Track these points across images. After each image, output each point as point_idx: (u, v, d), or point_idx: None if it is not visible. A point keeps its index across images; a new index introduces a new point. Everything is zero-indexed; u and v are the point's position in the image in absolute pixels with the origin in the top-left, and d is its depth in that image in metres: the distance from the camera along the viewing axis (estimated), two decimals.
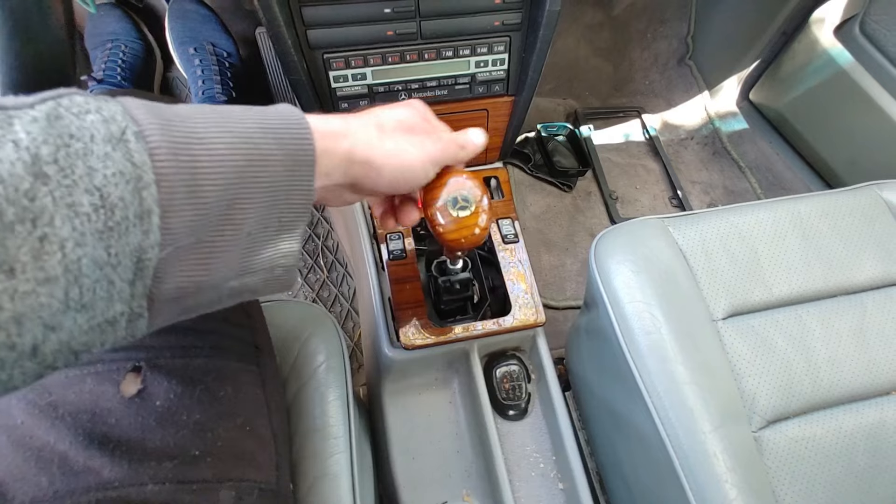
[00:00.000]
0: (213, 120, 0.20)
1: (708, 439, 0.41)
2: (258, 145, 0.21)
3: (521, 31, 0.51)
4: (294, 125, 0.23)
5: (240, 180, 0.20)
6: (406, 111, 0.30)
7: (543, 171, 1.04)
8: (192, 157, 0.19)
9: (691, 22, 1.14)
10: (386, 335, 0.50)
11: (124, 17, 0.90)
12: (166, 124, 0.18)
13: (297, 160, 0.22)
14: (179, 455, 0.29)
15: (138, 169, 0.17)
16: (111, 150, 0.16)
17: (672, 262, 0.50)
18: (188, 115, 0.20)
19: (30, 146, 0.15)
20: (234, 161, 0.20)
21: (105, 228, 0.16)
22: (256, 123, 0.22)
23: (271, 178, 0.21)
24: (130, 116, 0.18)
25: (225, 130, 0.20)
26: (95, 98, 0.18)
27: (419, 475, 0.48)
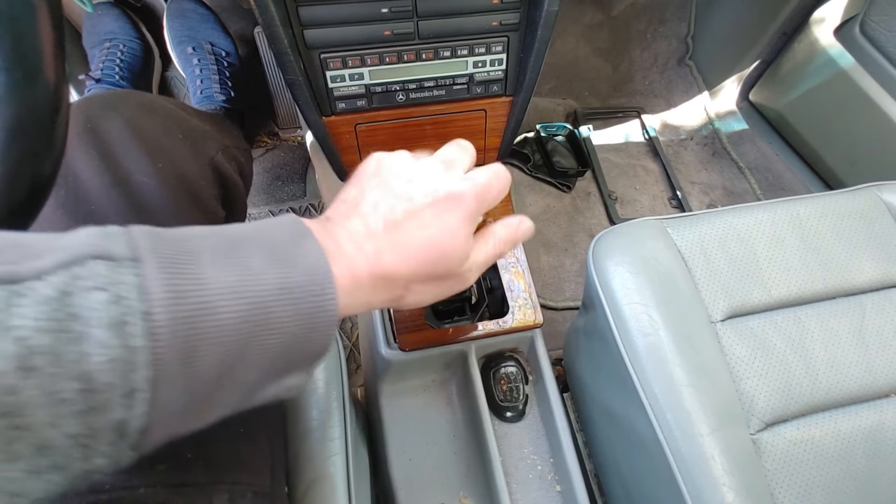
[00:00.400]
0: (230, 284, 0.19)
1: (705, 442, 0.41)
2: (271, 310, 0.19)
3: (519, 32, 0.51)
4: (318, 280, 0.21)
5: (245, 345, 0.19)
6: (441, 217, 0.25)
7: (543, 172, 1.04)
8: (196, 332, 0.17)
9: (691, 22, 1.14)
10: (383, 336, 0.50)
11: (122, 16, 0.90)
12: (178, 299, 0.17)
13: (315, 319, 0.21)
14: (172, 458, 0.29)
15: (133, 353, 0.16)
16: (109, 338, 0.16)
17: (670, 263, 0.50)
18: (205, 281, 0.18)
19: (28, 336, 0.14)
20: (242, 329, 0.19)
21: (86, 409, 0.15)
22: (276, 284, 0.20)
23: (281, 339, 0.20)
24: (146, 294, 0.16)
25: (239, 298, 0.19)
26: (116, 267, 0.16)
27: (416, 477, 0.48)
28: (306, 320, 0.20)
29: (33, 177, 0.21)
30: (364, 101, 0.52)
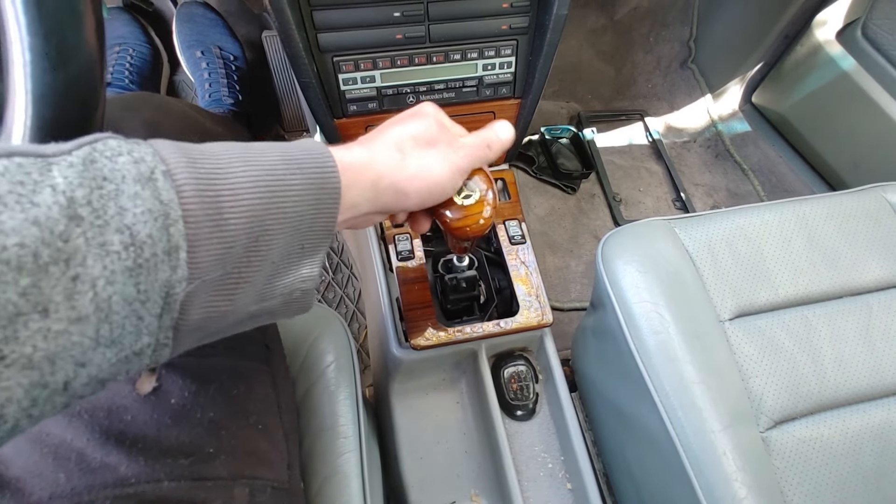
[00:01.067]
0: (237, 155, 0.21)
1: (717, 438, 0.41)
2: (282, 177, 0.21)
3: (528, 35, 0.52)
4: (317, 156, 0.23)
5: (265, 212, 0.20)
6: (421, 123, 0.29)
7: (547, 174, 1.04)
8: (217, 193, 0.19)
9: (693, 26, 1.15)
10: (394, 336, 0.50)
11: (132, 21, 0.91)
12: (191, 162, 0.19)
13: (322, 189, 0.23)
14: (194, 452, 0.29)
15: (166, 206, 0.17)
16: (140, 190, 0.17)
17: (679, 262, 0.50)
18: (213, 152, 0.20)
19: (66, 190, 0.16)
20: (259, 194, 0.20)
21: (135, 266, 0.17)
22: (280, 157, 0.22)
23: (295, 209, 0.22)
24: (160, 157, 0.18)
25: (248, 164, 0.20)
26: (128, 141, 0.18)
27: (427, 475, 0.48)
28: (315, 190, 0.22)
29: None
30: (375, 104, 0.53)
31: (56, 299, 0.15)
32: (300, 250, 0.23)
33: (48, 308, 0.15)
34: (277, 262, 0.22)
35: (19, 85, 0.19)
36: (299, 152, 0.23)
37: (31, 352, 0.14)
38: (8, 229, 0.14)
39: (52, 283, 0.15)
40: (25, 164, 0.15)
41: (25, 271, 0.14)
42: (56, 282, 0.15)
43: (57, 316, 0.15)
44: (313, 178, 0.22)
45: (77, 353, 0.16)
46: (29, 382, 0.15)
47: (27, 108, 0.19)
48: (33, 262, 0.14)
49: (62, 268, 0.15)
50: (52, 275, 0.15)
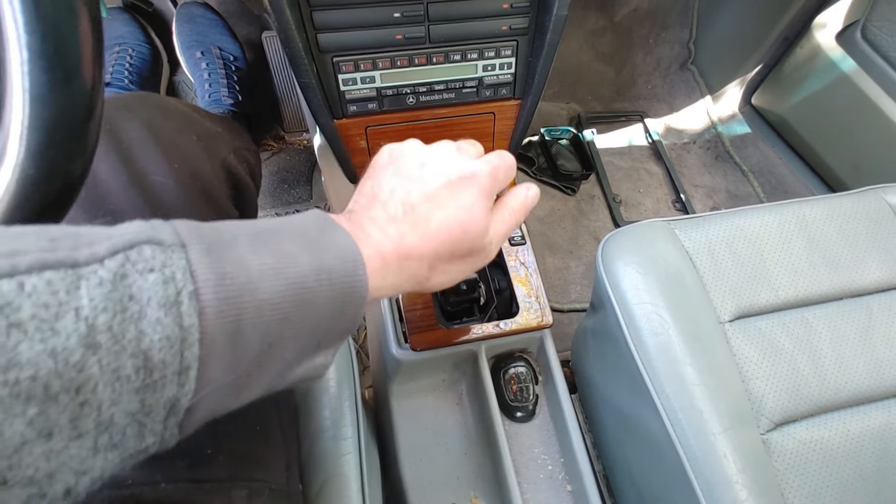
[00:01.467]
0: (270, 264, 0.20)
1: (718, 440, 0.41)
2: (309, 289, 0.21)
3: (528, 36, 0.52)
4: (349, 263, 0.22)
5: (284, 323, 0.20)
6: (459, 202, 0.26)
7: (547, 175, 1.04)
8: (240, 310, 0.18)
9: (693, 27, 1.15)
10: (394, 336, 0.50)
11: (132, 21, 0.91)
12: (222, 279, 0.18)
13: (347, 298, 0.22)
14: (192, 454, 0.29)
15: (185, 332, 0.17)
16: (163, 316, 0.16)
17: (679, 264, 0.50)
18: (246, 263, 0.19)
19: (89, 315, 0.15)
20: (282, 308, 0.20)
21: (142, 386, 0.16)
22: (311, 265, 0.21)
23: (317, 318, 0.21)
24: (191, 273, 0.17)
25: (278, 276, 0.20)
26: (163, 249, 0.17)
27: (427, 477, 0.48)
28: (340, 300, 0.21)
29: (66, 176, 0.22)
30: (375, 104, 0.53)
31: (61, 423, 0.15)
32: (316, 347, 0.22)
33: (52, 432, 0.14)
34: (291, 359, 0.21)
35: (16, 83, 0.18)
36: (333, 259, 0.22)
37: (33, 473, 0.14)
38: (24, 361, 0.13)
39: (59, 410, 0.14)
40: (55, 282, 0.15)
41: (34, 401, 0.14)
42: (63, 408, 0.14)
43: (59, 437, 0.15)
44: (341, 289, 0.22)
45: (76, 465, 0.15)
46: (28, 495, 0.14)
47: (24, 107, 0.19)
48: (44, 393, 0.14)
49: (72, 395, 0.15)
50: (61, 402, 0.14)
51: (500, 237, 0.29)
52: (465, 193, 0.26)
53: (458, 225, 0.26)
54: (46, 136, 0.20)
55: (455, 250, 0.26)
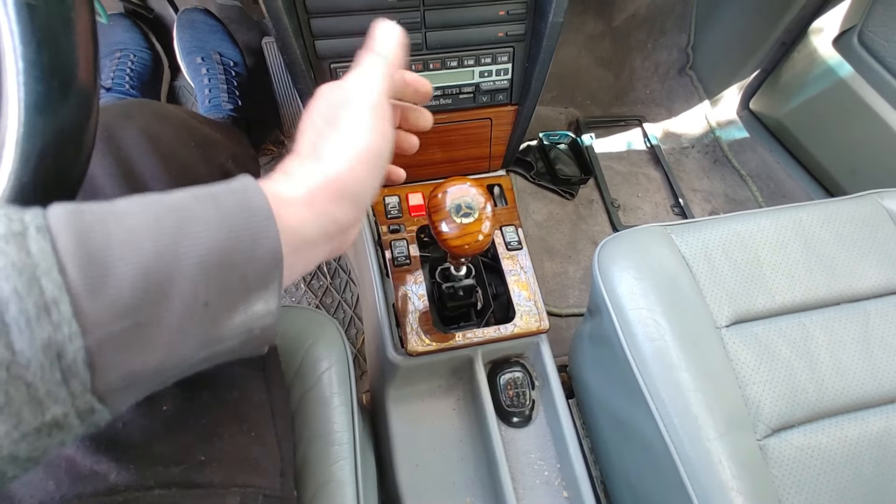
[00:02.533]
0: (138, 200, 0.19)
1: (713, 446, 0.41)
2: (189, 211, 0.19)
3: (524, 42, 0.52)
4: (238, 185, 0.21)
5: (172, 249, 0.18)
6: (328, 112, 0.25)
7: (545, 179, 1.05)
8: (105, 236, 0.17)
9: (691, 33, 1.16)
10: (390, 341, 0.50)
11: (133, 27, 0.92)
12: (75, 213, 0.17)
13: (249, 214, 0.20)
14: (186, 460, 0.29)
15: (33, 258, 0.16)
16: (4, 245, 0.15)
17: (675, 269, 0.50)
18: (110, 204, 0.19)
19: None
20: (160, 230, 0.18)
21: (1, 325, 0.15)
22: (189, 194, 0.20)
23: (216, 242, 0.19)
24: (42, 214, 0.17)
25: (149, 203, 0.19)
26: (7, 207, 0.17)
27: (423, 482, 0.48)
28: (240, 223, 0.20)
29: (62, 183, 0.22)
30: None
31: None
32: (243, 285, 0.20)
33: None
34: (215, 303, 0.19)
35: (12, 93, 0.19)
36: (216, 186, 0.21)
37: None
38: None
39: None
40: None
41: None
42: None
43: None
44: (231, 206, 0.20)
45: None
46: None
47: (19, 116, 0.19)
48: None
49: None
50: None
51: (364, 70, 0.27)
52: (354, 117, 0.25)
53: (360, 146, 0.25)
54: (41, 144, 0.20)
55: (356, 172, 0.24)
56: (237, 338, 0.21)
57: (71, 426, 0.17)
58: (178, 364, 0.19)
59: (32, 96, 0.19)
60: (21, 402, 0.15)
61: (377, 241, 0.56)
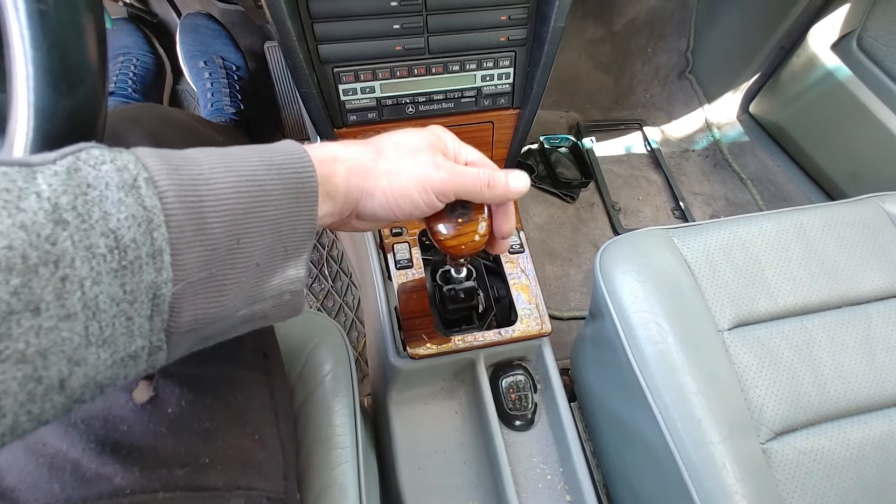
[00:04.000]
0: (218, 161, 0.21)
1: (717, 450, 0.41)
2: (262, 182, 0.22)
3: (526, 47, 0.52)
4: (296, 159, 0.24)
5: (245, 216, 0.21)
6: (414, 135, 0.29)
7: (546, 183, 1.05)
8: (199, 198, 0.20)
9: (691, 37, 1.17)
10: (392, 345, 0.50)
11: (136, 31, 0.92)
12: (174, 169, 0.20)
13: (300, 191, 0.23)
14: (190, 462, 0.29)
15: (149, 212, 0.18)
16: (124, 196, 0.18)
17: (677, 272, 0.50)
18: (195, 159, 0.21)
19: (51, 196, 0.16)
20: (239, 199, 0.21)
21: (119, 267, 0.17)
22: (260, 161, 0.23)
23: (276, 211, 0.22)
24: (142, 164, 0.19)
25: (229, 170, 0.21)
26: (111, 150, 0.19)
27: (425, 486, 0.48)
28: (294, 195, 0.23)
29: None
30: (375, 114, 0.53)
31: (46, 298, 0.16)
32: (284, 252, 0.23)
33: (39, 307, 0.15)
34: (262, 264, 0.22)
35: (22, 97, 0.19)
36: (280, 156, 0.23)
37: (24, 347, 0.15)
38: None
39: (42, 283, 0.15)
40: (10, 173, 0.16)
41: (16, 272, 0.15)
42: (46, 282, 0.16)
43: (48, 314, 0.16)
44: (292, 182, 0.23)
45: (69, 350, 0.16)
46: (23, 376, 0.15)
47: (29, 120, 0.19)
48: (23, 264, 0.15)
49: (51, 269, 0.16)
50: (42, 275, 0.15)
51: (469, 169, 0.30)
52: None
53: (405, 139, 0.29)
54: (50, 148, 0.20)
55: (396, 142, 0.28)
56: (272, 299, 0.24)
57: (141, 360, 0.19)
58: (226, 316, 0.22)
59: (42, 101, 0.19)
60: (120, 333, 0.18)
61: (379, 245, 0.56)
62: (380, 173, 0.27)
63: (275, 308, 0.24)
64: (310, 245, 0.25)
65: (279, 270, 0.23)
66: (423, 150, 0.29)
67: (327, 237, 0.95)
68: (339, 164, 0.26)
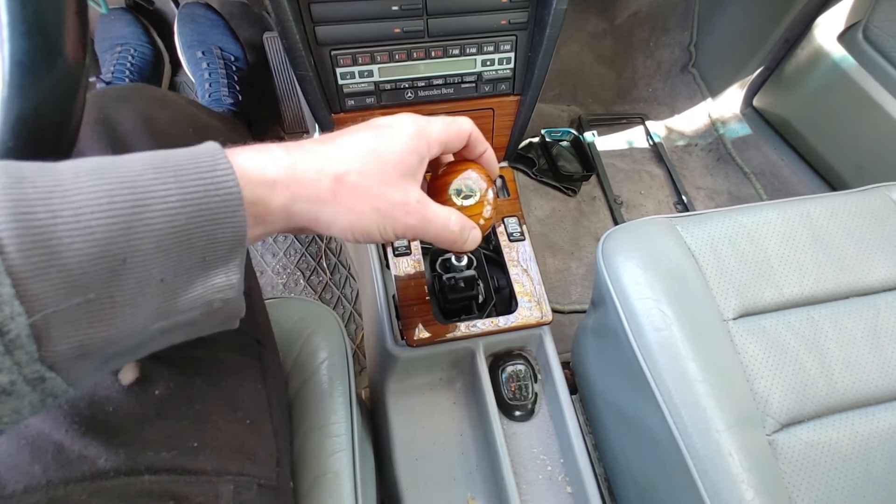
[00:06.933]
0: (89, 168, 0.18)
1: (722, 438, 0.40)
2: (146, 190, 0.18)
3: (527, 30, 0.51)
4: (203, 161, 0.20)
5: (127, 231, 0.17)
6: (391, 150, 0.25)
7: (548, 176, 1.04)
8: (51, 214, 0.16)
9: (694, 30, 1.15)
10: (390, 332, 0.49)
11: (134, 21, 0.91)
12: (16, 182, 0.16)
13: (212, 197, 0.19)
14: (178, 446, 0.28)
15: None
16: None
17: (681, 260, 0.49)
18: (56, 169, 0.17)
19: None
20: (113, 211, 0.17)
21: None
22: (148, 165, 0.19)
23: (173, 224, 0.18)
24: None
25: (100, 178, 0.18)
26: None
27: (423, 477, 0.47)
28: (201, 200, 0.19)
29: (49, 150, 0.21)
30: (373, 99, 0.52)
31: None
32: (202, 262, 0.20)
33: None
34: (170, 279, 0.19)
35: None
36: (181, 160, 0.19)
37: None
38: None
39: None
40: None
41: None
42: None
43: None
44: (195, 187, 0.19)
45: None
46: None
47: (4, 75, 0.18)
48: None
49: None
50: None
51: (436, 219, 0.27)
52: (385, 131, 0.26)
53: (369, 147, 0.25)
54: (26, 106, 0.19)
55: (362, 169, 0.24)
56: (196, 310, 0.20)
57: (22, 393, 0.16)
58: (133, 335, 0.19)
59: (18, 53, 0.18)
60: None
61: None
62: (340, 209, 0.24)
63: (204, 317, 0.21)
64: (240, 253, 0.21)
65: (198, 281, 0.20)
66: (396, 180, 0.25)
67: None
68: (278, 190, 0.22)
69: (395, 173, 0.25)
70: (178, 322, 0.20)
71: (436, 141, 0.28)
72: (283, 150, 0.24)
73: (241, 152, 0.22)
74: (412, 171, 0.26)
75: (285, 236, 0.94)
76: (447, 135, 0.28)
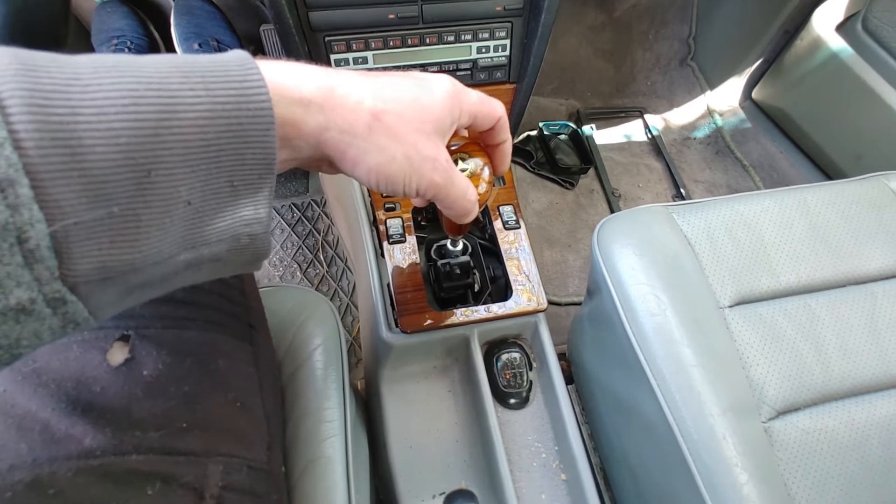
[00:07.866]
0: (109, 64, 0.16)
1: (716, 422, 0.40)
2: (174, 94, 0.16)
3: (522, 17, 0.51)
4: (234, 69, 0.18)
5: (153, 138, 0.16)
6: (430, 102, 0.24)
7: (546, 169, 1.04)
8: (71, 110, 0.15)
9: (693, 23, 1.15)
10: (384, 320, 0.49)
11: (130, 13, 0.91)
12: (30, 69, 0.14)
13: (242, 111, 0.18)
14: (166, 426, 0.28)
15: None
16: None
17: (677, 247, 0.49)
18: (72, 60, 0.15)
19: None
20: (139, 114, 0.16)
21: None
22: (174, 67, 0.17)
23: (202, 136, 0.17)
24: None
25: (124, 75, 0.16)
26: None
27: (417, 465, 0.46)
28: (231, 113, 0.17)
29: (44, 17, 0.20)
30: None
31: None
32: (230, 188, 0.18)
33: None
34: (197, 202, 0.18)
35: None
36: (204, 63, 0.17)
37: None
38: None
39: None
40: None
41: None
42: None
43: None
44: (225, 97, 0.17)
45: None
46: None
47: None
48: None
49: None
50: None
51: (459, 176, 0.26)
52: (427, 84, 0.25)
53: (411, 94, 0.24)
54: None
55: (402, 113, 0.23)
56: (223, 243, 0.19)
57: (42, 315, 0.15)
58: (159, 262, 0.17)
59: None
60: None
61: (372, 222, 0.55)
62: (371, 147, 0.22)
63: (231, 252, 0.19)
64: (269, 180, 0.19)
65: (227, 210, 0.18)
66: (430, 134, 0.24)
67: (323, 222, 0.94)
68: (312, 111, 0.21)
69: (430, 127, 0.24)
70: (203, 255, 0.19)
71: (468, 110, 0.26)
72: (322, 71, 0.22)
73: (274, 65, 0.20)
74: (444, 129, 0.25)
75: (282, 229, 0.93)
76: (480, 108, 0.27)
